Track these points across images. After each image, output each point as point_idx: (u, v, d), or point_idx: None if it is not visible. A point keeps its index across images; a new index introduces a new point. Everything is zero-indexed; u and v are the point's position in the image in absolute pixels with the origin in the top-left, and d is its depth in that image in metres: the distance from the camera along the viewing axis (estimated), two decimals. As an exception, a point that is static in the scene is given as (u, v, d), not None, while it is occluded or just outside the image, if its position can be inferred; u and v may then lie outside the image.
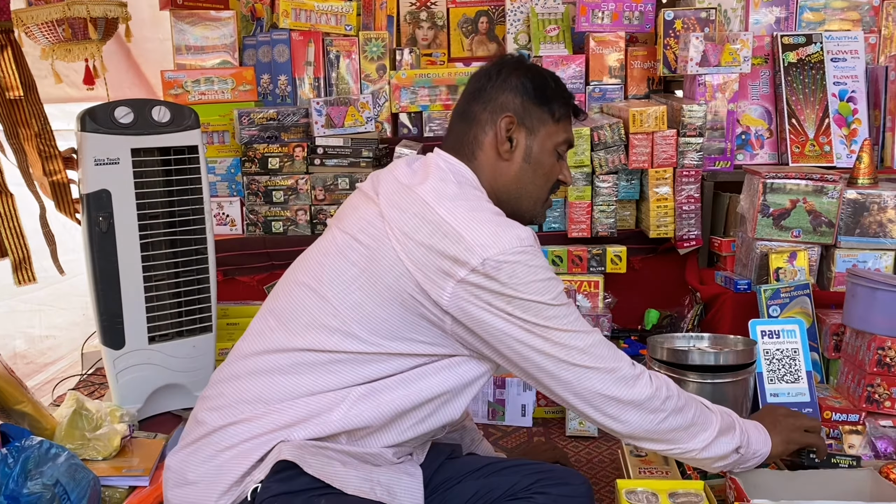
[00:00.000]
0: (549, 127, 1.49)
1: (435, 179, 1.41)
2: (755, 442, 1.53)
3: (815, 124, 2.86)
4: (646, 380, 1.41)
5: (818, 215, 2.46)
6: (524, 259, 1.31)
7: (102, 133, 2.22)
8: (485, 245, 1.29)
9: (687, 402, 1.45)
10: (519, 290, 1.31)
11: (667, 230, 2.80)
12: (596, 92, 3.15)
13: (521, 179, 1.48)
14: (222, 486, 1.33)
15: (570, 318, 1.36)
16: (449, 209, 1.34)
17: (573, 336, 1.35)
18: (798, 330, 2.15)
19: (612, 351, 1.41)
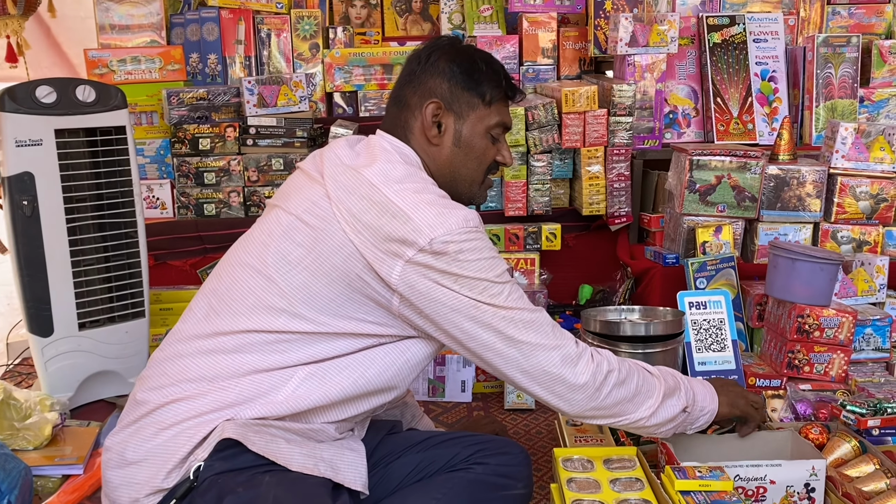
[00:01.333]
0: (480, 111, 1.49)
1: (382, 161, 1.42)
2: (702, 399, 1.57)
3: (738, 103, 2.96)
4: (587, 357, 1.44)
5: (742, 190, 2.55)
6: (469, 238, 1.34)
7: (23, 113, 2.15)
8: (432, 226, 1.32)
9: (629, 373, 1.48)
10: (465, 269, 1.34)
11: (599, 207, 2.86)
12: (530, 72, 3.18)
13: (453, 163, 1.49)
14: (168, 465, 1.31)
15: (514, 295, 1.39)
16: (396, 191, 1.36)
17: (518, 313, 1.38)
18: (724, 301, 2.23)
19: (557, 329, 1.43)
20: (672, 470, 1.53)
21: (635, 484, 1.57)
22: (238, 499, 1.24)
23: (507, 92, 1.53)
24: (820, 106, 2.91)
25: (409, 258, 1.33)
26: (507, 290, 1.38)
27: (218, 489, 1.26)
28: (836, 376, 2.16)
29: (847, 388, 2.13)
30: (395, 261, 1.33)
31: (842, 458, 1.77)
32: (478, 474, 1.51)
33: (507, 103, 1.54)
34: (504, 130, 1.55)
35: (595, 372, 1.42)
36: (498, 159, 1.54)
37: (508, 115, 1.55)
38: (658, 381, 1.52)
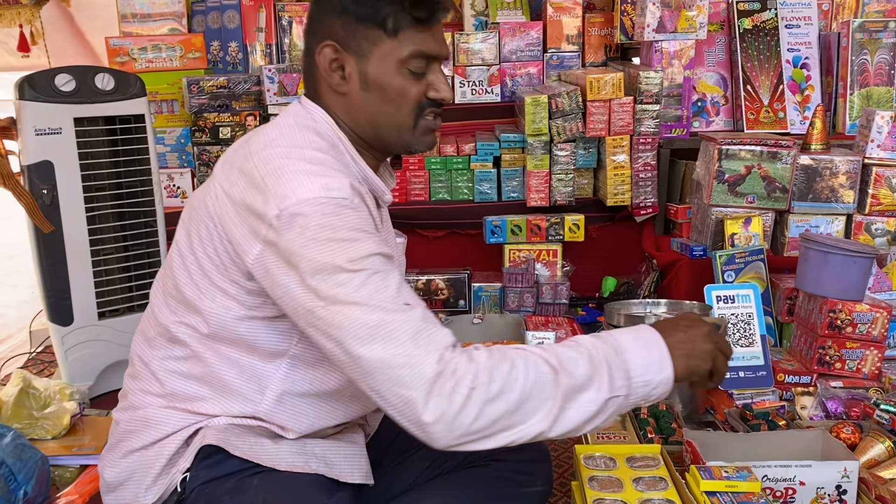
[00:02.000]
0: (384, 44, 1.22)
1: (271, 126, 1.26)
2: (642, 371, 1.13)
3: (769, 91, 2.88)
4: (445, 376, 1.05)
5: (772, 181, 2.48)
6: (323, 211, 1.10)
7: (42, 101, 2.14)
8: (284, 194, 1.11)
9: (509, 381, 1.07)
10: (308, 248, 1.09)
11: (624, 198, 2.80)
12: (553, 59, 3.13)
13: (368, 111, 1.26)
14: (147, 480, 1.26)
15: (367, 288, 1.08)
16: (263, 157, 1.18)
17: (364, 311, 1.07)
18: (752, 295, 2.17)
19: (421, 336, 1.07)
20: (697, 469, 1.49)
21: (659, 483, 1.52)
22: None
23: (414, 13, 1.22)
24: (854, 94, 2.82)
25: (262, 236, 1.13)
26: (357, 281, 1.08)
27: (205, 499, 1.20)
28: (870, 373, 2.10)
29: (881, 386, 2.06)
30: (254, 242, 1.14)
31: (875, 459, 1.72)
32: (496, 470, 1.46)
33: (424, 27, 1.24)
34: (429, 60, 1.25)
35: (450, 395, 1.04)
36: (431, 96, 1.26)
37: (430, 41, 1.25)
38: (559, 377, 1.09)
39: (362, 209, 1.16)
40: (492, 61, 3.13)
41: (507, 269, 2.75)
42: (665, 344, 1.16)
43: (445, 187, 2.93)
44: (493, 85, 3.14)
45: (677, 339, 1.17)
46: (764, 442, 1.74)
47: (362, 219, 1.14)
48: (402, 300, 1.10)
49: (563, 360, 1.11)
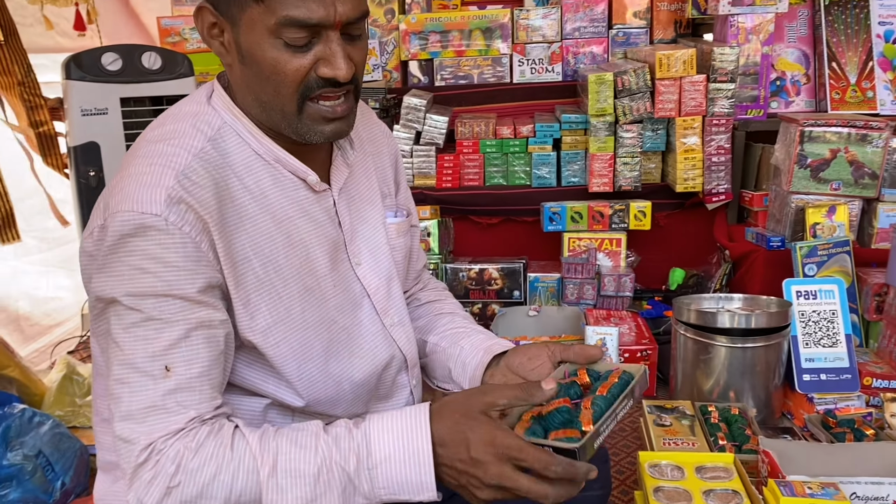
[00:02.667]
0: (251, 9, 1.02)
1: (165, 111, 1.14)
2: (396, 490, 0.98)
3: (857, 68, 2.66)
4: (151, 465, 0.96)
5: (860, 166, 2.29)
6: (122, 231, 0.97)
7: (89, 81, 2.11)
8: (108, 204, 1.01)
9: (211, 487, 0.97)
10: (100, 268, 0.99)
11: (695, 184, 2.64)
12: (619, 36, 2.96)
13: (250, 86, 1.07)
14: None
15: (133, 334, 0.98)
16: (129, 152, 1.09)
17: (120, 356, 0.99)
18: (837, 290, 2.02)
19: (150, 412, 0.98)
20: (777, 484, 1.35)
21: (733, 497, 1.40)
22: None
23: None
24: (954, 70, 2.59)
25: (83, 239, 1.05)
26: (128, 320, 0.98)
27: None
28: (970, 379, 1.90)
29: (983, 394, 1.86)
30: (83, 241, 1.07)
31: (980, 478, 1.53)
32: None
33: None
34: (312, 29, 1.02)
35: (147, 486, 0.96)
36: (321, 73, 1.04)
37: (309, 5, 1.00)
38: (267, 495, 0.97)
39: (182, 225, 0.99)
40: (553, 38, 2.99)
41: (566, 259, 2.62)
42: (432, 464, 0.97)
43: (501, 171, 2.80)
44: (554, 63, 2.99)
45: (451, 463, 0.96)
46: (851, 454, 1.58)
47: (172, 244, 0.98)
48: (164, 361, 0.98)
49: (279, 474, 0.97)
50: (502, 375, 1.24)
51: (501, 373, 1.25)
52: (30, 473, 1.55)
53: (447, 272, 2.67)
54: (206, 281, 1.01)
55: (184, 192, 1.00)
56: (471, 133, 2.80)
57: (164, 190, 0.98)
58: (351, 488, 0.98)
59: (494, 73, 3.00)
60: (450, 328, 1.38)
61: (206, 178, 1.03)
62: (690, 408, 1.79)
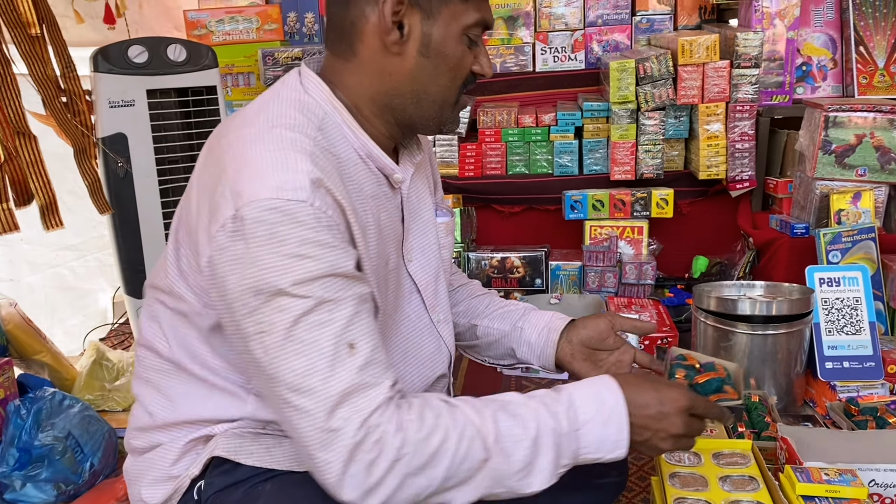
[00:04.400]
0: (454, 5, 1.10)
1: (259, 100, 1.12)
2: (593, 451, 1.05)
3: (885, 52, 2.63)
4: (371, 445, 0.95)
5: (887, 151, 2.27)
6: (271, 218, 0.95)
7: (116, 73, 2.16)
8: (238, 191, 0.97)
9: (437, 455, 0.98)
10: (252, 262, 0.96)
11: (718, 171, 2.62)
12: (643, 23, 2.95)
13: (419, 79, 1.12)
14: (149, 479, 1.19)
15: (307, 322, 0.96)
16: (231, 140, 1.04)
17: (297, 350, 0.96)
18: (861, 277, 2.01)
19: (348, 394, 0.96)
20: (793, 471, 1.37)
21: (749, 483, 1.41)
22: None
23: None
24: None
25: (212, 234, 0.98)
26: (298, 310, 0.95)
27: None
28: None
29: None
30: (205, 235, 1.01)
31: None
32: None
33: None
34: (484, 30, 1.16)
35: (369, 468, 0.95)
36: (475, 69, 1.15)
37: (489, 9, 1.15)
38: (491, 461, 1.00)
39: (324, 212, 0.99)
40: (576, 26, 2.98)
41: (588, 247, 2.62)
42: (628, 422, 1.05)
43: (523, 160, 2.81)
44: (577, 51, 2.98)
45: (644, 425, 1.07)
46: (872, 441, 1.59)
47: (321, 226, 0.98)
48: (346, 339, 0.97)
49: (502, 439, 1.00)
50: (581, 354, 1.34)
51: (579, 352, 1.34)
52: (60, 454, 1.60)
53: (469, 261, 2.69)
54: (354, 258, 1.02)
55: (322, 175, 1.00)
56: (493, 122, 2.81)
57: (305, 174, 0.97)
58: (561, 449, 1.03)
59: (517, 61, 3.00)
60: (498, 310, 1.45)
61: (328, 164, 1.03)
62: (710, 395, 1.79)
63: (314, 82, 1.12)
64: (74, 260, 2.79)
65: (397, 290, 1.22)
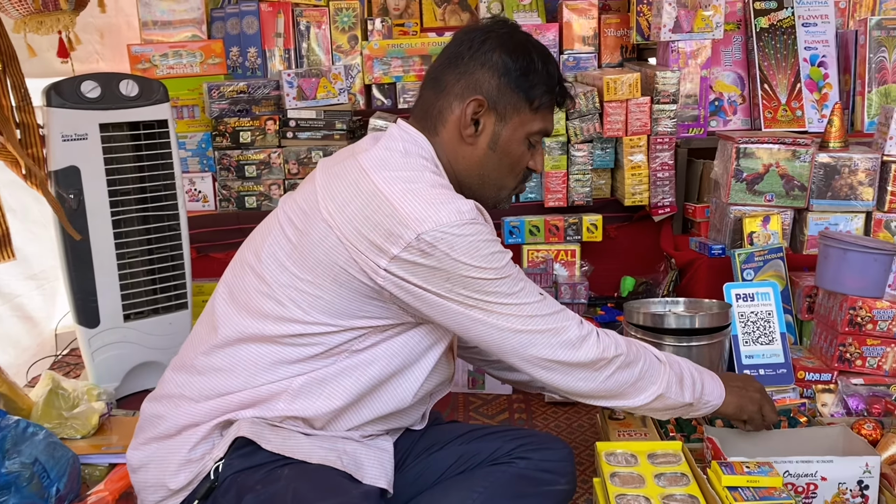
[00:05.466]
0: (524, 115, 1.35)
1: (381, 148, 1.32)
2: (708, 393, 1.52)
3: (787, 89, 2.88)
4: (593, 340, 1.37)
5: (791, 179, 2.48)
6: (462, 233, 1.23)
7: (69, 108, 2.18)
8: (420, 219, 1.22)
9: (635, 358, 1.42)
10: (458, 267, 1.25)
11: (642, 198, 2.81)
12: (570, 60, 3.14)
13: (484, 166, 1.37)
14: (173, 465, 1.31)
15: (516, 288, 1.30)
16: (385, 178, 1.25)
17: (518, 308, 1.30)
18: (772, 293, 2.17)
19: (559, 314, 1.36)
20: (719, 465, 1.50)
21: (681, 479, 1.53)
22: (257, 497, 1.22)
23: (558, 99, 1.39)
24: (872, 91, 2.82)
25: (394, 255, 1.22)
26: (507, 286, 1.29)
27: (237, 488, 1.25)
28: (890, 370, 2.09)
29: (902, 383, 2.06)
30: (380, 257, 1.23)
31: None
32: (520, 469, 1.49)
33: (553, 110, 1.41)
34: (544, 136, 1.42)
35: (599, 356, 1.37)
36: (530, 165, 1.42)
37: (552, 122, 1.43)
38: (664, 370, 1.45)
39: (488, 223, 1.31)
40: (508, 63, 3.14)
41: (526, 269, 2.77)
42: (724, 385, 1.56)
43: (463, 189, 2.95)
44: (510, 87, 3.15)
45: (734, 385, 1.58)
46: (785, 439, 1.74)
47: (491, 231, 1.30)
48: (537, 291, 1.34)
49: (668, 358, 1.48)
50: None
51: None
52: (27, 480, 1.62)
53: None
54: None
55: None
56: (433, 153, 2.94)
57: (464, 202, 1.27)
58: (695, 379, 1.50)
59: (453, 95, 3.15)
60: None
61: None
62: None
63: (424, 142, 1.35)
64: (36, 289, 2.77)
65: None
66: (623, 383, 1.41)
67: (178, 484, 1.31)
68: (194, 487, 1.30)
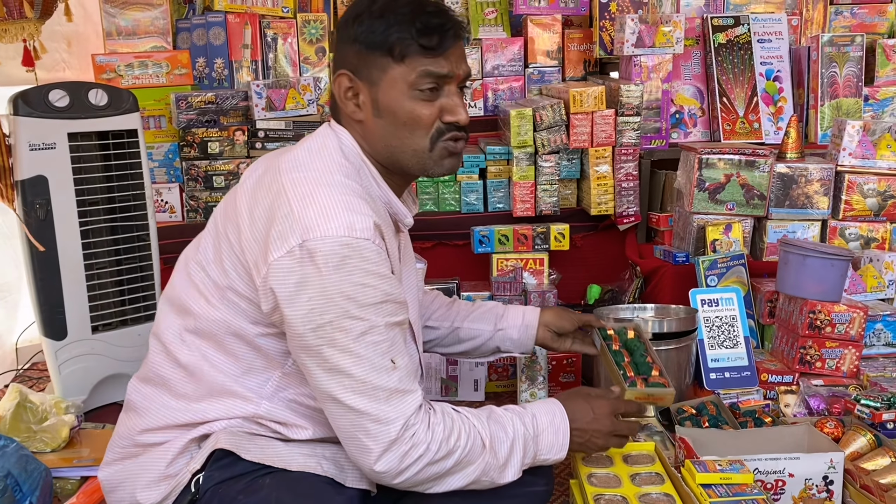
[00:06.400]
0: (393, 69, 1.24)
1: (302, 148, 1.29)
2: (546, 452, 1.38)
3: (744, 102, 2.98)
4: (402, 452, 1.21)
5: (751, 189, 2.57)
6: (342, 252, 1.14)
7: (37, 117, 2.16)
8: (308, 226, 1.15)
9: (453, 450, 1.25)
10: (322, 287, 1.14)
11: (607, 207, 2.87)
12: (535, 74, 3.20)
13: (383, 136, 1.28)
14: (147, 480, 1.30)
15: (364, 341, 1.17)
16: (293, 179, 1.21)
17: (355, 363, 1.17)
18: (735, 298, 2.25)
19: (396, 398, 1.20)
20: (692, 463, 1.54)
21: (656, 478, 1.58)
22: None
23: (422, 41, 1.23)
24: (825, 105, 2.93)
25: (275, 258, 1.16)
26: (362, 325, 1.16)
27: (219, 499, 1.24)
28: (848, 371, 2.18)
29: (859, 384, 2.14)
30: (265, 259, 1.18)
31: (858, 452, 1.79)
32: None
33: (435, 52, 1.24)
34: (439, 81, 1.26)
35: (402, 457, 1.21)
36: (445, 119, 1.28)
37: (442, 62, 1.25)
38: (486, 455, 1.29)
39: (381, 249, 1.20)
40: (474, 76, 3.19)
41: (496, 278, 2.80)
42: (570, 431, 1.39)
43: (432, 198, 2.98)
44: (477, 99, 3.20)
45: (581, 428, 1.41)
46: (753, 438, 1.80)
47: (380, 261, 1.19)
48: (389, 356, 1.20)
49: (493, 441, 1.31)
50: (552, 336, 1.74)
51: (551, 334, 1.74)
52: (0, 493, 1.59)
53: (383, 295, 2.80)
54: (398, 290, 1.24)
55: (378, 219, 1.21)
56: (402, 163, 2.97)
57: (368, 217, 1.18)
58: (527, 450, 1.34)
59: (421, 107, 3.18)
60: (475, 312, 1.73)
61: (376, 209, 1.26)
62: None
63: (347, 138, 1.29)
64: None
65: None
66: (433, 476, 1.26)
67: (155, 499, 1.29)
68: (173, 500, 1.29)
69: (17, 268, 2.63)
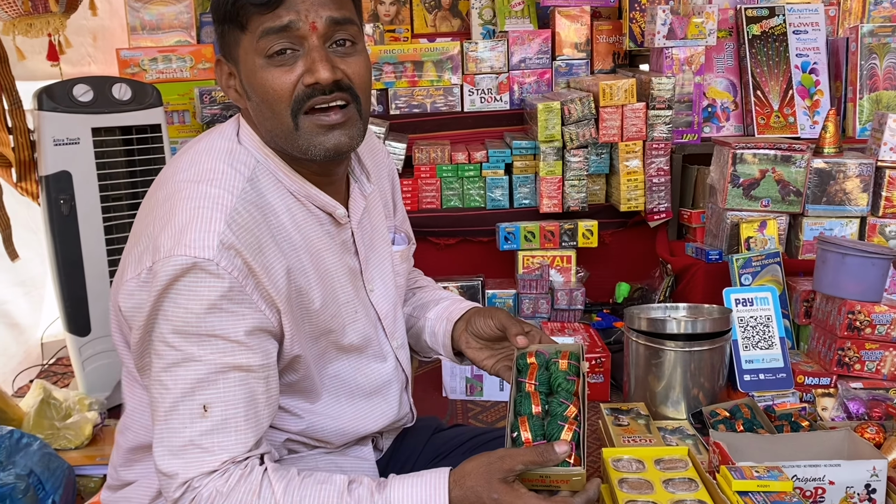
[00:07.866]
0: (244, 41, 1.08)
1: (191, 148, 1.16)
2: None
3: (779, 96, 2.90)
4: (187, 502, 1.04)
5: (786, 184, 2.50)
6: (174, 274, 1.00)
7: (61, 112, 2.14)
8: (157, 246, 1.02)
9: None
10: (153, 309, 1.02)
11: (637, 203, 2.81)
12: (562, 67, 3.14)
13: (261, 122, 1.12)
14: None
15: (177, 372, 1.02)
16: (166, 192, 1.08)
17: (163, 393, 1.03)
18: (770, 297, 2.19)
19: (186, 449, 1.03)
20: (728, 470, 1.49)
21: (690, 484, 1.52)
22: None
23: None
24: (864, 98, 2.84)
25: (126, 279, 1.06)
26: (170, 358, 1.02)
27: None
28: (889, 374, 2.10)
29: (901, 387, 2.07)
30: (119, 280, 1.09)
31: (901, 459, 1.72)
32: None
33: (269, 6, 1.05)
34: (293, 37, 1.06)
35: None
36: (305, 81, 1.07)
37: (282, 13, 1.05)
38: None
39: (232, 271, 1.02)
40: (500, 69, 3.14)
41: (521, 276, 2.76)
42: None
43: (457, 195, 2.94)
44: (502, 93, 3.15)
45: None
46: (790, 443, 1.74)
47: (223, 287, 1.01)
48: (201, 401, 1.02)
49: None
50: (476, 344, 1.36)
51: (474, 341, 1.36)
52: (22, 492, 1.58)
53: (408, 291, 2.77)
54: (252, 324, 1.04)
55: (234, 236, 1.02)
56: (428, 159, 2.93)
57: (216, 235, 1.00)
58: None
59: (446, 102, 3.14)
60: (419, 299, 1.48)
61: (249, 220, 1.06)
62: (645, 409, 1.93)
63: (247, 132, 1.15)
64: (23, 296, 2.71)
65: (365, 318, 1.27)
66: None
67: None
68: None
69: (42, 263, 2.63)
